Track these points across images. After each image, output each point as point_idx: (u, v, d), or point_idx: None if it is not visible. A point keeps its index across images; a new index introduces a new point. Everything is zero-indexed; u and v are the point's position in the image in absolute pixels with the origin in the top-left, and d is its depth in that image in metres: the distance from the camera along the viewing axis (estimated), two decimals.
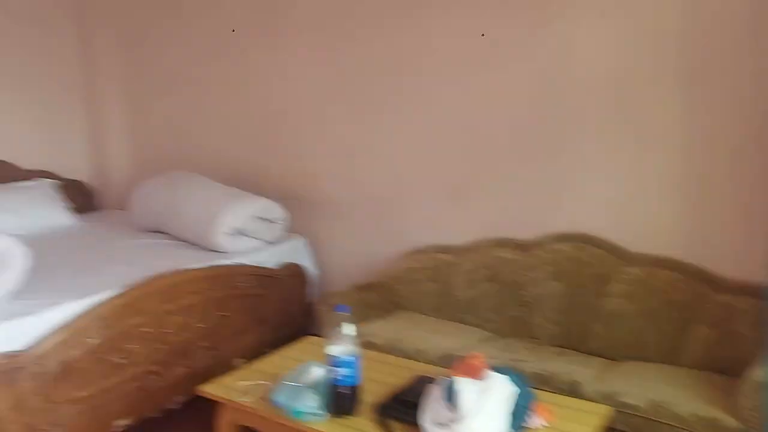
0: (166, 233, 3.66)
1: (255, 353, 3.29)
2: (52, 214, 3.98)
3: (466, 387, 1.76)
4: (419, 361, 2.57)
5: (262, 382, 2.14)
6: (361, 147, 3.54)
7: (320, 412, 1.95)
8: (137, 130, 4.51)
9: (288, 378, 2.03)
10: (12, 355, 2.32)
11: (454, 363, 1.93)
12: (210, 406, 2.94)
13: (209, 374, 3.05)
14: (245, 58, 3.91)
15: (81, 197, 4.43)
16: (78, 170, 4.45)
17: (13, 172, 4.06)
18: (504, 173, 3.09)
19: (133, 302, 2.71)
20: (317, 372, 2.03)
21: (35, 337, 2.41)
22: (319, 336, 3.07)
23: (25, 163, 4.12)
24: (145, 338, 2.78)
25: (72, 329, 2.50)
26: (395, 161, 3.43)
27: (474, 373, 1.80)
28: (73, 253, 3.35)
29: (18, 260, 2.56)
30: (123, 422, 2.72)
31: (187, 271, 2.96)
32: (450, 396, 1.78)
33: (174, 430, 2.86)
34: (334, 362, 1.96)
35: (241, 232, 3.37)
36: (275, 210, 3.45)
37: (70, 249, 3.43)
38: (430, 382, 1.96)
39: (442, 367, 2.35)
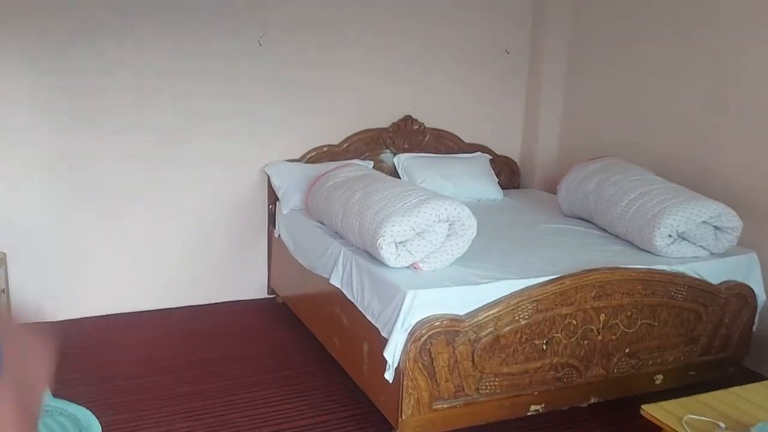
0: (592, 222, 3.51)
1: (677, 374, 2.96)
2: (484, 186, 4.20)
3: None
4: None
5: (721, 425, 1.81)
6: None
7: None
8: (569, 118, 4.45)
9: (760, 430, 1.66)
10: (455, 319, 2.46)
11: None
12: (616, 412, 2.76)
13: (626, 383, 2.85)
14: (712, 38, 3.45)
15: (508, 174, 4.58)
16: (510, 149, 4.60)
17: (458, 143, 4.40)
18: None
19: (566, 291, 2.62)
20: None
21: (475, 306, 2.52)
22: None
23: (468, 136, 4.42)
24: (570, 330, 2.68)
25: (507, 305, 2.54)
26: None
27: None
28: (504, 227, 3.45)
29: (469, 230, 2.69)
30: (536, 407, 2.70)
31: (623, 269, 2.75)
32: None
33: (580, 428, 2.72)
34: None
35: (683, 237, 2.99)
36: (731, 218, 2.96)
37: (501, 222, 3.54)
38: None
39: None
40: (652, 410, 1.97)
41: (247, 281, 4.02)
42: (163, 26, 3.58)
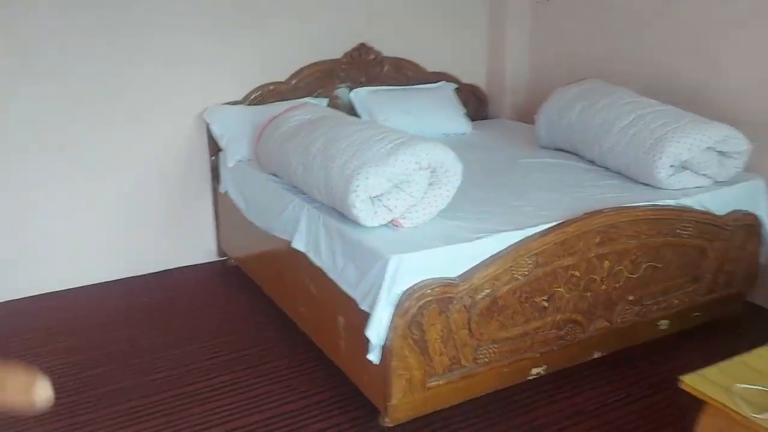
0: (576, 154, 3.17)
1: (681, 317, 2.71)
2: (451, 119, 3.78)
3: None
4: None
5: None
6: None
7: None
8: (540, 36, 4.02)
9: None
10: (447, 284, 2.09)
11: None
12: (621, 365, 2.49)
13: (630, 332, 2.60)
14: None
15: (475, 103, 4.16)
16: (475, 74, 4.16)
17: (420, 73, 3.93)
18: None
19: (568, 240, 2.28)
20: None
21: (468, 265, 2.15)
22: None
23: (430, 64, 3.96)
24: (572, 283, 2.36)
25: (504, 262, 2.18)
26: None
27: None
28: (480, 166, 3.06)
29: (454, 177, 2.29)
30: (538, 370, 2.40)
31: (629, 209, 2.42)
32: None
33: (585, 387, 2.44)
34: None
35: (685, 166, 2.67)
36: (738, 141, 2.64)
37: (476, 161, 3.14)
38: None
39: None
40: (693, 382, 1.66)
41: (193, 245, 3.54)
42: None
